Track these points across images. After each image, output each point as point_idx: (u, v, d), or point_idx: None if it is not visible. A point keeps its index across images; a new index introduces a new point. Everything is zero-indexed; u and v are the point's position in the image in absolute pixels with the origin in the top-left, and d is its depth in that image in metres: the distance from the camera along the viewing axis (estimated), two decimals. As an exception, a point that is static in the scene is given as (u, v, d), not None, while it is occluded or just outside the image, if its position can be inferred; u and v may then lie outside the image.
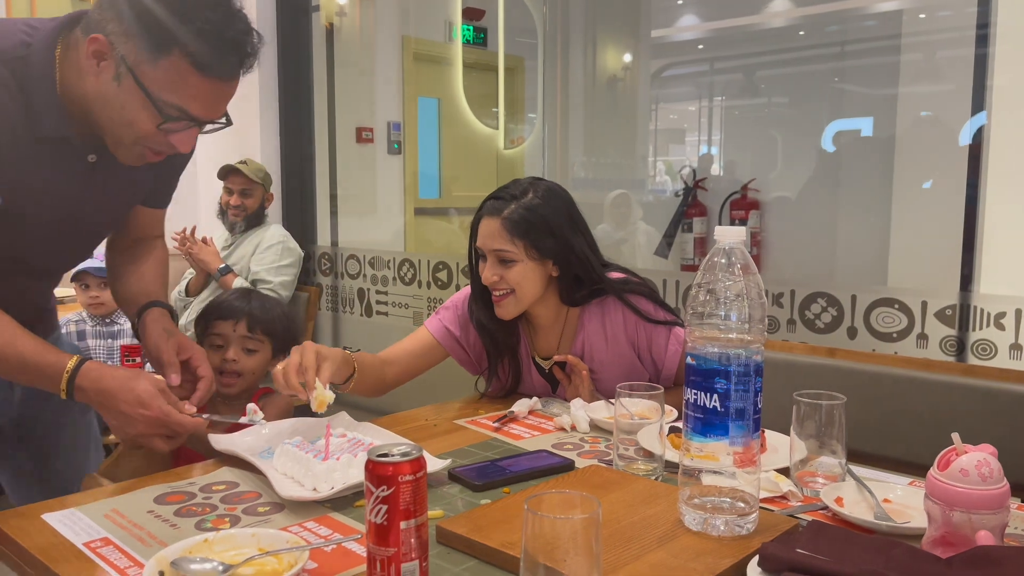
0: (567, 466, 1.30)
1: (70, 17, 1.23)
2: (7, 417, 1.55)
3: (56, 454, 1.62)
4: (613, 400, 1.30)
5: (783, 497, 1.17)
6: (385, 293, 3.55)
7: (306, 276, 3.74)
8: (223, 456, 1.32)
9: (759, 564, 0.90)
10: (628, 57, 3.77)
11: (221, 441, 1.33)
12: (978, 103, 2.23)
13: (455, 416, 1.62)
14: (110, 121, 1.21)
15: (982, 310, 2.14)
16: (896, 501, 1.13)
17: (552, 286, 1.68)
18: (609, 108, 3.81)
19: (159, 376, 1.32)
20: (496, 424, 1.56)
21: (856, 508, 1.10)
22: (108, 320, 2.84)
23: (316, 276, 3.81)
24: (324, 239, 3.86)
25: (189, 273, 3.39)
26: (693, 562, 0.94)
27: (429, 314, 3.37)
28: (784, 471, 1.23)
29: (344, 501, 1.15)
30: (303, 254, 3.52)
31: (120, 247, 1.58)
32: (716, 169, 3.38)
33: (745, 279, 1.00)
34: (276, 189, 3.69)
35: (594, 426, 1.52)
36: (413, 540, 0.85)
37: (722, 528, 1.00)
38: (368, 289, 3.62)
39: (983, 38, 2.21)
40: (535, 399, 1.66)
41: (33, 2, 3.52)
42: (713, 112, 3.60)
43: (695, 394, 1.01)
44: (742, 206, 3.04)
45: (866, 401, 1.58)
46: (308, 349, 1.37)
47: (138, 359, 2.51)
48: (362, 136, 3.97)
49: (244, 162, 3.35)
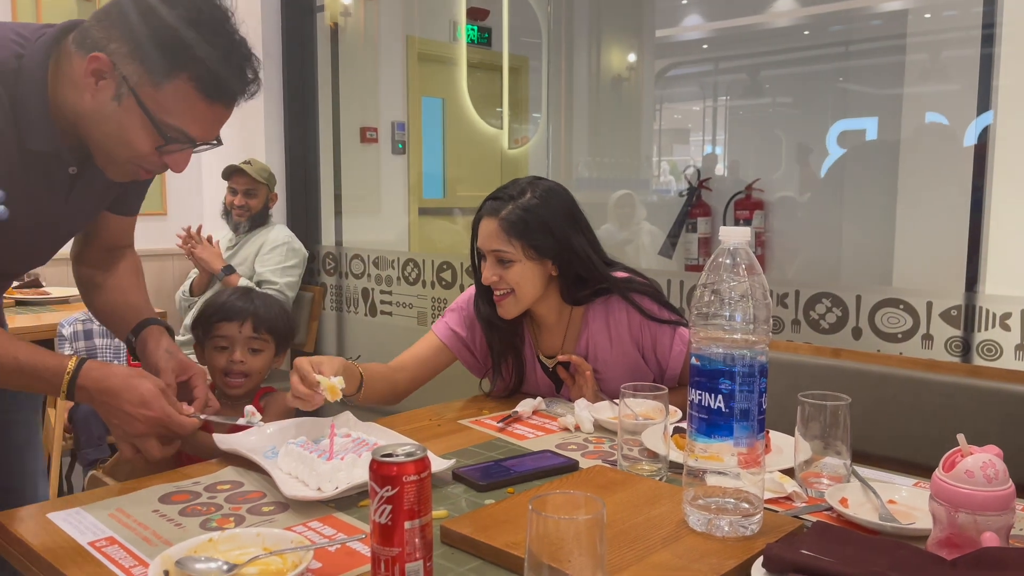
0: (571, 466, 1.30)
1: (61, 28, 1.20)
2: None
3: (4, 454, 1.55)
4: (617, 400, 1.30)
5: (787, 498, 1.17)
6: (389, 293, 3.55)
7: (310, 276, 3.75)
8: (228, 456, 1.33)
9: (763, 565, 0.90)
10: (632, 57, 3.77)
11: (226, 441, 1.34)
12: (984, 103, 2.22)
13: (459, 416, 1.62)
14: (105, 138, 1.19)
15: (987, 311, 2.13)
16: (901, 502, 1.13)
17: (553, 285, 1.68)
18: (613, 108, 3.81)
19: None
20: (500, 424, 1.56)
21: (861, 509, 1.10)
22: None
23: (320, 276, 3.82)
24: (328, 239, 3.86)
25: (193, 273, 3.39)
26: (697, 563, 0.94)
27: (433, 313, 3.41)
28: (789, 472, 1.23)
29: (348, 501, 1.15)
30: (308, 254, 3.53)
31: (90, 260, 1.53)
32: (720, 169, 3.37)
33: (750, 279, 1.00)
34: (280, 189, 3.69)
35: (598, 426, 1.52)
36: (417, 540, 0.85)
37: (726, 529, 1.00)
38: (372, 289, 3.62)
39: (989, 38, 2.20)
40: (539, 399, 1.66)
41: (39, 2, 3.53)
42: (717, 112, 3.59)
43: (699, 395, 1.01)
44: (746, 206, 3.03)
45: (871, 402, 1.58)
46: (301, 361, 1.40)
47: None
48: (366, 136, 3.97)
49: (248, 162, 3.35)
